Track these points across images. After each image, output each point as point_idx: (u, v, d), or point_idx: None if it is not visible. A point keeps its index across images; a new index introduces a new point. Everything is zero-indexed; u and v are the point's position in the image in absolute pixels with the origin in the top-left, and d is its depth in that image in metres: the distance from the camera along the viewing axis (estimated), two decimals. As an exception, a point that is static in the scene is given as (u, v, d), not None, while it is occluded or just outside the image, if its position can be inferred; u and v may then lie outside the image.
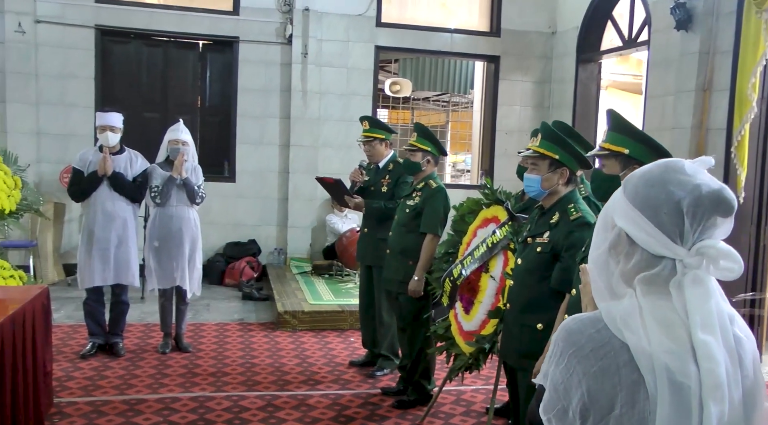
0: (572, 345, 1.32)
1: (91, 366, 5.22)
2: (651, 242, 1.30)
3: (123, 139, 5.57)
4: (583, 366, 1.29)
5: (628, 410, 1.25)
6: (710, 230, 1.30)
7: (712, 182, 1.30)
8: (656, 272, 1.30)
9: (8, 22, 7.58)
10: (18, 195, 4.89)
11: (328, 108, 8.51)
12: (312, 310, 6.54)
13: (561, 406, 1.31)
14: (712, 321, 1.26)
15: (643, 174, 1.36)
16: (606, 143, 2.61)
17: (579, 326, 1.34)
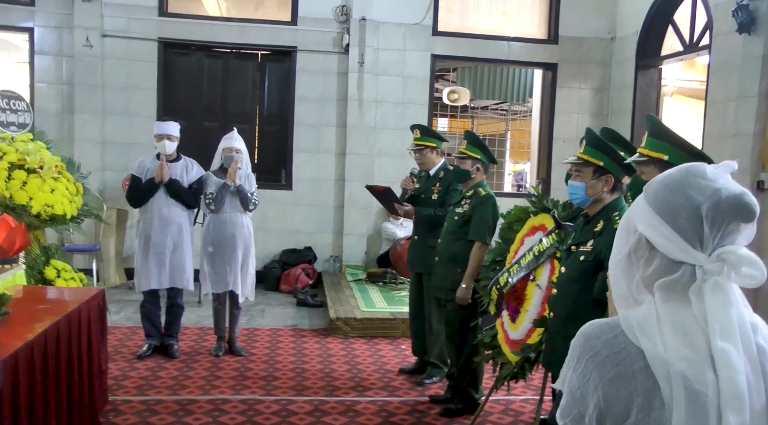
0: (589, 350, 1.30)
1: (146, 366, 5.36)
2: (670, 248, 1.27)
3: (183, 147, 5.73)
4: (599, 371, 1.27)
5: (644, 417, 1.23)
6: (731, 235, 1.26)
7: (732, 187, 1.26)
8: (675, 278, 1.27)
9: (77, 37, 7.91)
10: (80, 201, 5.08)
11: (384, 117, 8.56)
12: (364, 317, 6.56)
13: (577, 411, 1.30)
14: (732, 329, 1.22)
15: (664, 179, 1.33)
16: (645, 149, 2.55)
17: (596, 331, 1.33)
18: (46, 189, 4.69)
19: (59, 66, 8.06)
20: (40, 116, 7.93)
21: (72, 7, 7.91)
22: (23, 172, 4.61)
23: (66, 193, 4.92)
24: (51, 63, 8.06)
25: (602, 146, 2.97)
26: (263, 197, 8.40)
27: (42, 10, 7.96)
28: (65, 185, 4.94)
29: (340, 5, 8.40)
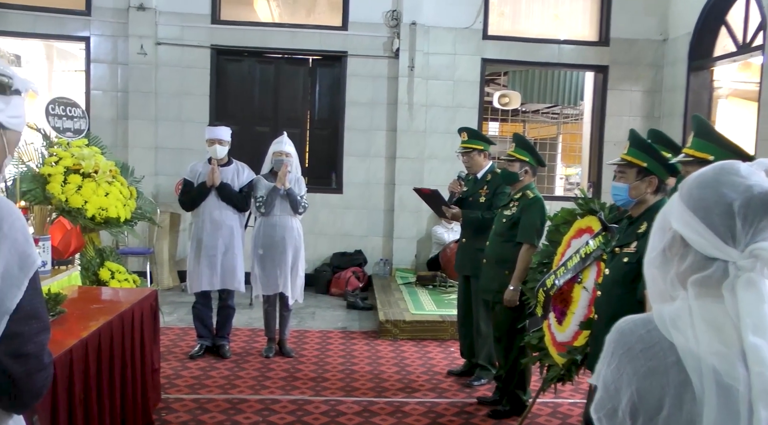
0: (623, 345, 1.32)
1: (198, 366, 5.47)
2: (703, 244, 1.28)
3: (235, 151, 5.84)
4: (633, 365, 1.29)
5: (676, 411, 1.23)
6: (765, 232, 1.26)
7: (765, 184, 1.26)
8: (709, 274, 1.28)
9: (132, 46, 8.14)
10: (133, 204, 5.23)
11: (434, 120, 8.55)
12: (413, 320, 6.57)
13: (611, 406, 1.32)
14: (764, 325, 1.22)
15: (698, 176, 1.35)
16: (690, 149, 2.50)
17: (630, 327, 1.34)
18: (101, 193, 4.84)
19: (114, 74, 8.31)
20: (95, 123, 8.19)
21: (127, 17, 8.14)
22: (78, 176, 4.76)
23: (120, 196, 5.07)
24: (106, 71, 8.31)
25: (646, 147, 2.92)
26: (314, 201, 8.52)
27: (98, 19, 8.22)
28: (119, 189, 5.08)
29: (391, 10, 8.44)
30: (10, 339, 1.37)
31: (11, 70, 1.47)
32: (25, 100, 1.52)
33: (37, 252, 1.46)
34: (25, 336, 1.39)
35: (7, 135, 1.50)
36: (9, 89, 1.46)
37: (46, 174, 4.72)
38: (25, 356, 1.40)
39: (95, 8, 8.21)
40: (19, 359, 1.39)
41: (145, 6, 8.13)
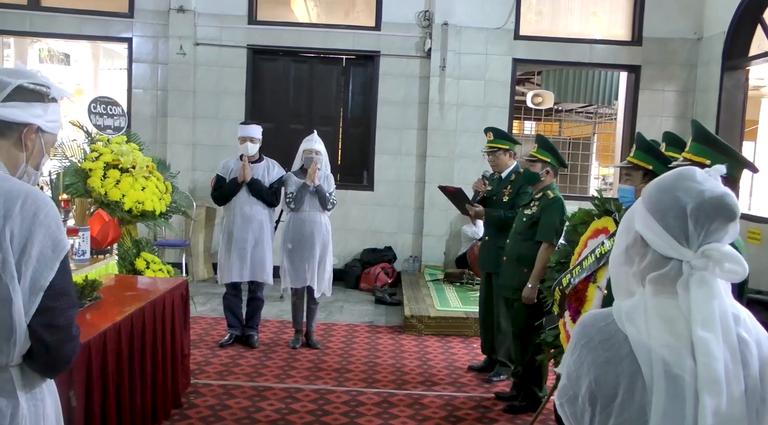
0: (584, 336, 1.44)
1: (227, 354, 5.69)
2: (660, 244, 1.39)
3: (270, 148, 6.03)
4: (592, 355, 1.40)
5: (629, 398, 1.34)
6: (716, 234, 1.37)
7: (716, 189, 1.38)
8: (665, 272, 1.39)
9: (171, 46, 8.42)
10: (168, 199, 5.45)
11: (465, 120, 8.66)
12: (438, 316, 6.69)
13: (572, 392, 1.43)
14: (713, 320, 1.32)
15: (658, 181, 1.46)
16: (688, 153, 2.58)
17: (592, 320, 1.46)
18: (138, 187, 5.07)
19: (155, 73, 8.60)
20: (136, 120, 8.51)
21: (167, 18, 8.42)
22: (117, 171, 5.00)
23: (156, 191, 5.29)
24: (147, 70, 8.61)
25: (652, 151, 3.00)
26: (346, 198, 8.71)
27: (140, 21, 8.52)
28: (155, 184, 5.31)
29: (423, 11, 8.57)
30: (43, 312, 1.59)
31: (49, 81, 1.69)
32: (60, 106, 1.73)
33: (68, 238, 1.64)
34: (56, 310, 1.60)
35: (44, 137, 1.75)
36: (47, 98, 1.68)
37: (87, 169, 4.97)
38: (56, 327, 1.61)
39: (137, 11, 8.52)
40: (51, 329, 1.60)
41: (185, 8, 8.40)
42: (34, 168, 1.76)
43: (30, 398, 1.64)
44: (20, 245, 1.55)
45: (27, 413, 1.62)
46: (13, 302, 1.54)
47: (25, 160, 1.72)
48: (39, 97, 1.70)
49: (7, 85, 1.65)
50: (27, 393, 1.63)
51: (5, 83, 1.65)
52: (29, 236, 1.56)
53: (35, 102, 1.70)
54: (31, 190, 1.63)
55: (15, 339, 1.56)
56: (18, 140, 1.69)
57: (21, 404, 1.61)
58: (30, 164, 1.74)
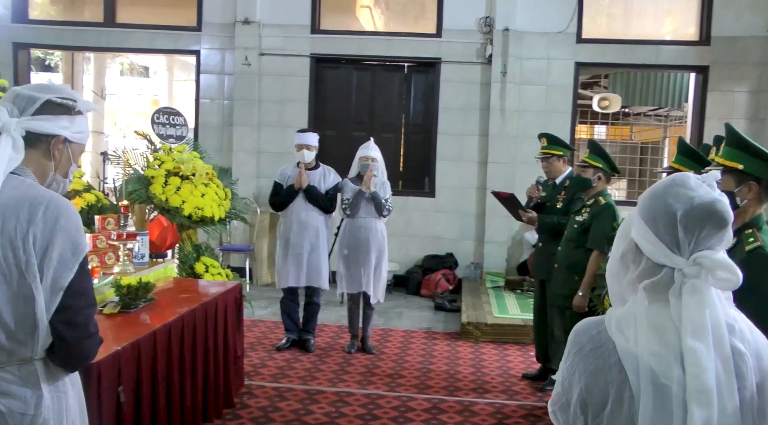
0: (577, 344, 1.43)
1: (283, 357, 5.81)
2: (653, 251, 1.37)
3: (332, 155, 6.14)
4: (584, 363, 1.39)
5: (617, 407, 1.33)
6: (708, 241, 1.35)
7: (706, 195, 1.35)
8: (657, 279, 1.37)
9: (237, 57, 8.69)
10: (227, 205, 5.63)
11: (527, 126, 8.57)
12: (495, 323, 6.65)
13: (565, 400, 1.43)
14: (704, 329, 1.29)
15: (652, 188, 1.45)
16: (721, 158, 2.50)
17: (584, 327, 1.45)
18: (197, 194, 5.26)
19: (221, 83, 8.89)
20: (203, 129, 8.83)
21: (233, 30, 8.69)
22: (178, 178, 5.20)
23: (215, 197, 5.48)
24: (214, 81, 8.90)
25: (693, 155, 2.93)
26: (407, 204, 8.76)
27: (207, 34, 8.84)
28: (214, 191, 5.50)
29: (484, 17, 8.55)
30: (63, 310, 1.71)
31: (76, 94, 1.83)
32: (86, 118, 1.86)
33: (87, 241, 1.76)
34: (75, 309, 1.73)
35: (72, 147, 1.89)
36: (73, 111, 1.81)
37: (150, 176, 5.19)
38: (75, 324, 1.74)
39: (205, 24, 8.83)
40: (70, 326, 1.73)
41: (250, 20, 8.65)
42: (62, 176, 1.90)
43: (53, 389, 1.76)
44: (42, 247, 1.68)
45: (50, 403, 1.74)
46: (36, 301, 1.67)
47: (53, 168, 1.86)
48: (66, 110, 1.84)
49: (37, 99, 1.79)
50: (50, 385, 1.76)
51: (35, 98, 1.79)
52: (51, 239, 1.68)
53: (62, 115, 1.83)
54: (54, 197, 1.76)
55: (38, 334, 1.69)
56: (46, 150, 1.83)
57: (44, 395, 1.73)
58: (58, 172, 1.88)
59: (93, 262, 4.00)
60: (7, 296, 1.66)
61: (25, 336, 1.69)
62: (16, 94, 1.80)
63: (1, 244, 1.66)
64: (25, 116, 1.77)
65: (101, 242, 4.16)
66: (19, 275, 1.66)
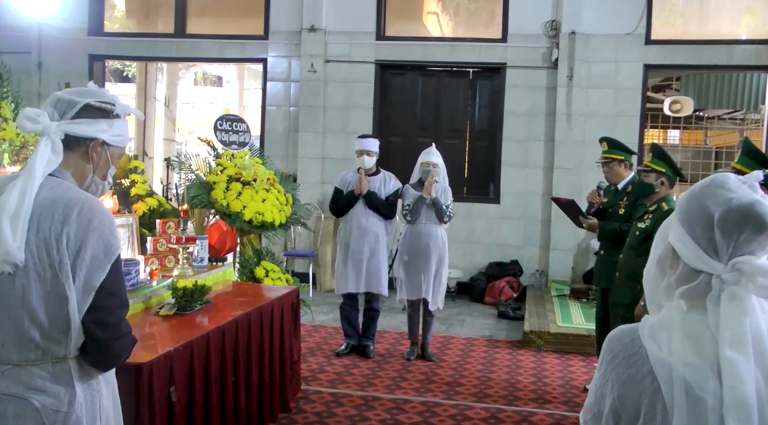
0: (610, 352, 1.37)
1: (342, 363, 5.82)
2: (689, 256, 1.30)
3: (396, 161, 6.13)
4: (616, 372, 1.33)
5: (650, 419, 1.27)
6: (749, 245, 1.27)
7: (746, 197, 1.27)
8: (694, 286, 1.30)
9: (303, 64, 8.82)
10: (288, 210, 5.67)
11: (593, 130, 8.36)
12: (558, 332, 6.50)
13: (597, 410, 1.37)
14: (743, 339, 1.21)
15: (690, 189, 1.37)
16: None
17: (618, 335, 1.39)
18: (258, 199, 5.32)
19: (287, 90, 9.03)
20: (269, 135, 8.99)
21: (299, 38, 8.82)
22: (239, 184, 5.28)
23: (276, 203, 5.53)
24: (280, 88, 9.05)
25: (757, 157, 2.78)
26: (471, 211, 8.69)
27: (274, 42, 9.00)
28: (275, 196, 5.55)
29: (550, 20, 8.41)
30: (95, 310, 1.75)
31: (115, 98, 1.87)
32: (126, 121, 1.90)
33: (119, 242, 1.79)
34: (106, 309, 1.76)
35: (110, 150, 1.93)
36: (112, 114, 1.85)
37: (212, 182, 5.29)
38: (106, 324, 1.77)
39: (272, 32, 9.00)
40: (101, 326, 1.76)
41: (316, 27, 8.75)
42: (101, 179, 1.94)
43: (86, 388, 1.80)
44: (75, 248, 1.72)
45: (83, 401, 1.78)
46: (68, 300, 1.71)
47: (91, 171, 1.91)
48: (105, 113, 1.88)
49: (76, 103, 1.84)
50: (84, 384, 1.79)
51: (74, 102, 1.84)
52: (84, 240, 1.72)
53: (101, 118, 1.87)
54: (89, 198, 1.80)
55: (71, 333, 1.73)
56: (85, 153, 1.88)
57: (78, 393, 1.76)
58: (97, 174, 1.92)
59: (153, 265, 4.11)
60: (41, 295, 1.71)
61: (58, 334, 1.73)
62: (57, 99, 1.85)
63: (36, 244, 1.70)
64: (64, 120, 1.83)
65: (162, 245, 4.27)
66: (52, 274, 1.70)
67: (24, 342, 1.72)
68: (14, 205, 1.69)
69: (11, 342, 1.73)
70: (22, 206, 1.69)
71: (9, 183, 1.75)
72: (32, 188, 1.71)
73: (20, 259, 1.68)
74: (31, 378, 1.73)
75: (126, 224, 4.21)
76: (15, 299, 1.71)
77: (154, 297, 3.82)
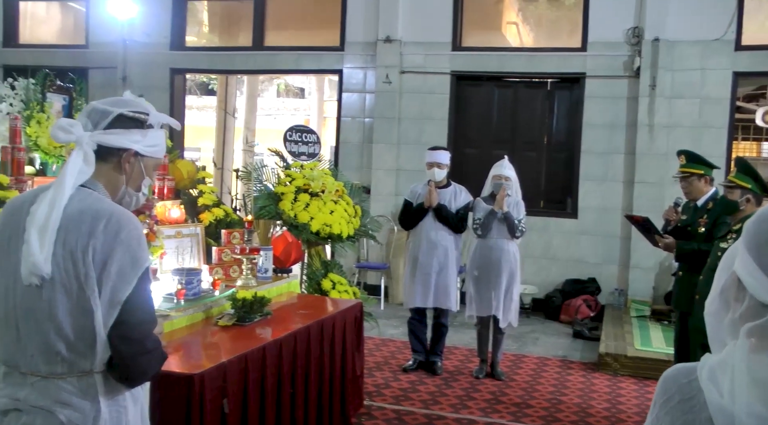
0: (664, 393, 1.23)
1: (408, 379, 5.71)
2: (757, 288, 1.13)
3: (471, 174, 6.00)
4: (671, 417, 1.19)
5: None
6: None
7: None
8: (762, 323, 1.12)
9: (378, 75, 8.79)
10: (357, 223, 5.64)
11: (677, 142, 7.95)
12: (636, 356, 6.18)
13: None
14: None
15: (760, 211, 1.19)
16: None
17: (674, 374, 1.24)
18: (326, 211, 5.31)
19: (362, 102, 9.02)
20: (344, 147, 9.01)
21: (375, 49, 8.81)
22: (307, 195, 5.28)
23: (344, 214, 5.51)
24: (356, 99, 9.06)
25: None
26: (548, 225, 8.45)
27: (350, 53, 9.02)
28: (344, 208, 5.53)
29: (632, 27, 8.11)
30: (120, 325, 1.71)
31: (149, 108, 1.84)
32: (162, 132, 1.87)
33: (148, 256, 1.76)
34: (131, 324, 1.72)
35: (144, 161, 1.90)
36: (145, 124, 1.81)
37: (280, 193, 5.31)
38: (131, 339, 1.73)
39: (348, 44, 9.03)
40: (126, 341, 1.72)
41: (392, 38, 8.73)
42: (135, 190, 1.91)
43: (112, 404, 1.76)
44: (101, 261, 1.68)
45: (108, 417, 1.74)
46: (94, 314, 1.68)
47: (124, 182, 1.88)
48: (138, 124, 1.85)
49: (110, 113, 1.82)
50: (109, 399, 1.75)
51: (108, 112, 1.82)
52: (110, 253, 1.69)
53: (134, 128, 1.85)
54: (117, 210, 1.76)
55: (97, 347, 1.70)
56: (117, 164, 1.85)
57: (103, 409, 1.73)
58: (130, 186, 1.90)
59: (217, 274, 4.12)
60: (67, 308, 1.69)
61: (84, 347, 1.70)
62: (92, 109, 1.84)
63: (63, 256, 1.68)
64: (97, 130, 1.81)
65: (226, 255, 4.29)
66: (78, 287, 1.68)
67: (51, 354, 1.71)
68: (43, 216, 1.67)
69: (39, 354, 1.71)
70: (51, 218, 1.67)
71: (41, 194, 1.74)
72: (61, 200, 1.69)
73: (47, 271, 1.66)
74: (58, 392, 1.71)
75: (192, 234, 4.25)
76: (42, 312, 1.69)
77: (215, 307, 3.83)
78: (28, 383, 1.72)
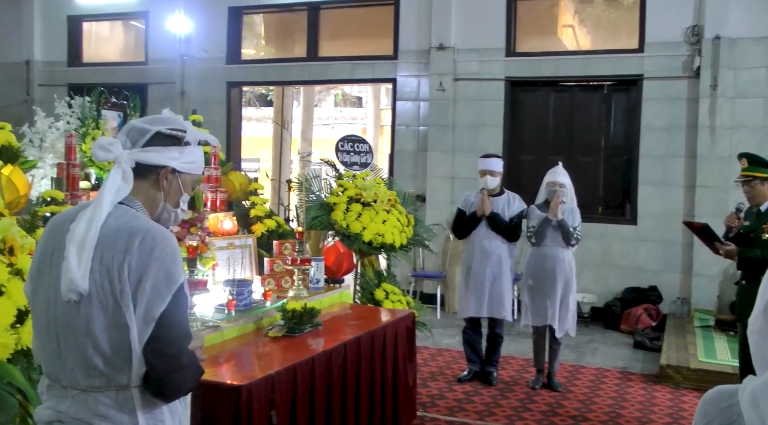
0: (704, 417, 1.20)
1: (463, 389, 5.66)
2: None
3: (527, 181, 5.93)
4: None
5: None
6: None
7: None
8: None
9: (432, 83, 8.79)
10: (410, 232, 5.63)
11: (741, 144, 7.67)
12: (699, 368, 5.97)
13: None
14: None
15: None
16: None
17: (714, 397, 1.20)
18: (378, 220, 5.31)
19: (416, 110, 9.02)
20: (399, 155, 9.03)
21: (428, 57, 8.81)
22: (359, 205, 5.30)
23: (397, 224, 5.50)
24: (410, 108, 9.07)
25: None
26: (606, 232, 8.27)
27: (403, 61, 9.05)
28: (396, 217, 5.53)
29: (691, 26, 7.88)
30: (155, 340, 1.74)
31: (187, 125, 1.88)
32: (200, 148, 1.90)
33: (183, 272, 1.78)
34: (166, 340, 1.75)
35: (182, 177, 1.94)
36: (182, 141, 1.85)
37: (332, 203, 5.35)
38: (166, 355, 1.76)
39: (401, 52, 9.05)
40: (161, 357, 1.75)
41: (445, 45, 8.71)
42: (173, 206, 1.95)
43: (150, 418, 1.79)
44: (137, 277, 1.72)
45: None
46: (130, 330, 1.72)
47: (162, 199, 1.92)
48: (175, 141, 1.90)
49: (148, 132, 1.87)
50: (146, 414, 1.78)
51: (146, 130, 1.87)
52: (145, 269, 1.72)
53: (172, 146, 1.89)
54: (153, 227, 1.80)
55: (133, 362, 1.73)
56: (155, 181, 1.90)
57: (140, 422, 1.76)
58: (168, 202, 1.94)
59: (269, 285, 4.17)
60: (103, 324, 1.72)
61: (121, 362, 1.74)
62: (131, 127, 1.89)
63: (100, 272, 1.72)
64: (136, 148, 1.85)
65: (278, 266, 4.33)
66: (114, 303, 1.71)
67: (89, 368, 1.75)
68: (81, 233, 1.72)
69: (78, 368, 1.76)
70: (89, 235, 1.72)
71: (81, 211, 1.80)
72: (99, 217, 1.74)
73: (84, 287, 1.71)
74: (96, 405, 1.75)
75: (244, 245, 4.31)
76: (80, 327, 1.74)
77: (266, 318, 3.87)
78: (69, 396, 1.77)
